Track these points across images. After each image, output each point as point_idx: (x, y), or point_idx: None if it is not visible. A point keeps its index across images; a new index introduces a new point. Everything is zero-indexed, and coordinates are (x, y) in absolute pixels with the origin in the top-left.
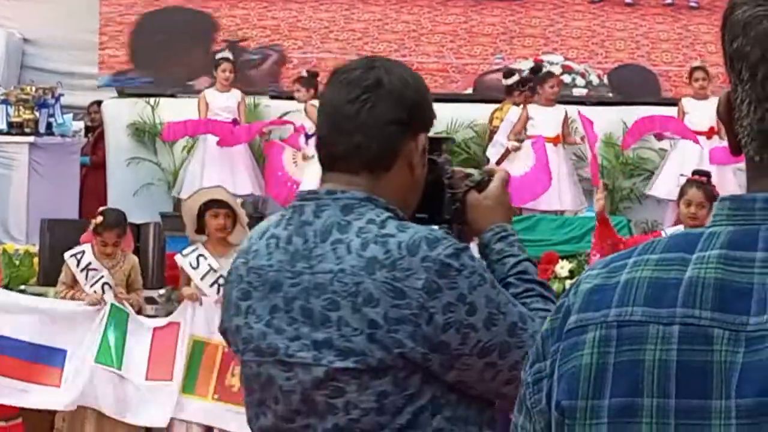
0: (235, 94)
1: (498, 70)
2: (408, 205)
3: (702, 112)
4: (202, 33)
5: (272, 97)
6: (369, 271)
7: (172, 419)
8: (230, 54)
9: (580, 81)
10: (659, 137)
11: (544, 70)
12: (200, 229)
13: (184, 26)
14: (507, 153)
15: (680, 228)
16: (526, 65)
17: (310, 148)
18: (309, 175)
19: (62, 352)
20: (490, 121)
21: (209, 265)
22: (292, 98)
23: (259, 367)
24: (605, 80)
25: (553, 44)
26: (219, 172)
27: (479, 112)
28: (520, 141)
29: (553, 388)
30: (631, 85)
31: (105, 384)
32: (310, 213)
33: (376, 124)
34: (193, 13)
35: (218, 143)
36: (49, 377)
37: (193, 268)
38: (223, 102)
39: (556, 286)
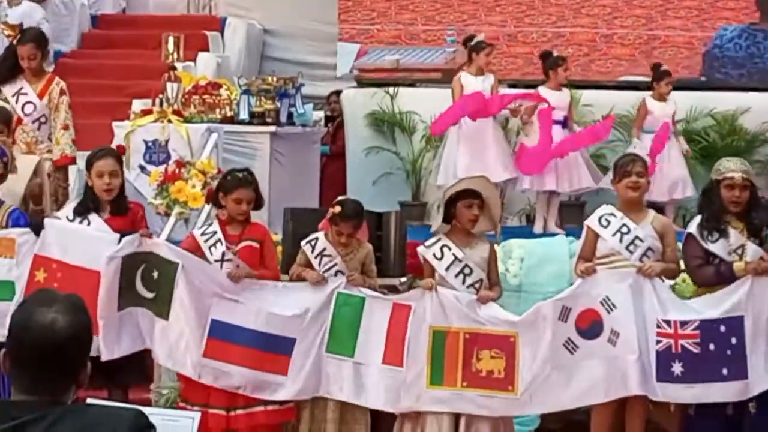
0: (489, 77)
1: None
2: None
3: None
4: None
5: (510, 86)
6: None
7: (422, 413)
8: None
9: None
10: None
11: None
12: (446, 218)
13: None
14: None
15: None
16: None
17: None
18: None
19: (292, 341)
20: None
21: (454, 255)
22: (530, 86)
23: None
24: None
25: None
26: (472, 158)
27: (719, 100)
28: None
29: None
30: None
31: (338, 371)
32: None
33: None
34: None
35: (471, 116)
36: (277, 365)
37: (437, 258)
38: (478, 85)
39: None
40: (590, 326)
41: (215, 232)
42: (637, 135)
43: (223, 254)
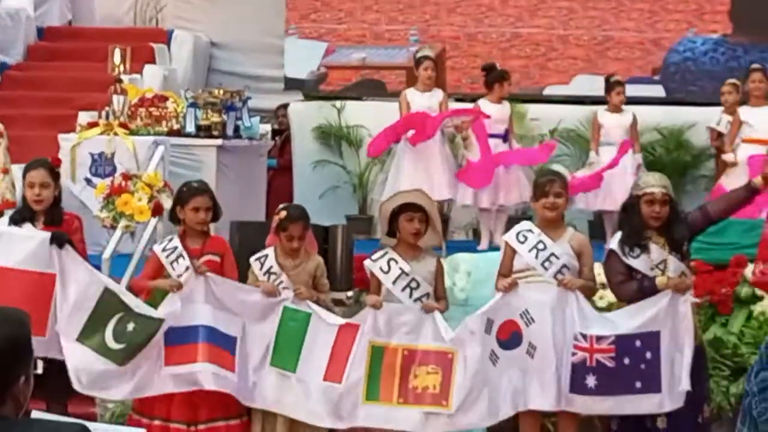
0: (437, 93)
1: None
2: None
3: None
4: None
5: (457, 100)
6: None
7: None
8: (431, 52)
9: None
10: None
11: (753, 65)
12: (391, 232)
13: None
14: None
15: None
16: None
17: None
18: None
19: (233, 339)
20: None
21: (401, 268)
22: (473, 100)
23: None
24: None
25: None
26: (416, 175)
27: (665, 114)
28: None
29: None
30: None
31: (281, 385)
32: None
33: None
34: None
35: (411, 140)
36: (224, 360)
37: (384, 272)
38: (424, 102)
39: (745, 290)
40: (510, 337)
41: (176, 247)
42: (595, 149)
43: (187, 268)
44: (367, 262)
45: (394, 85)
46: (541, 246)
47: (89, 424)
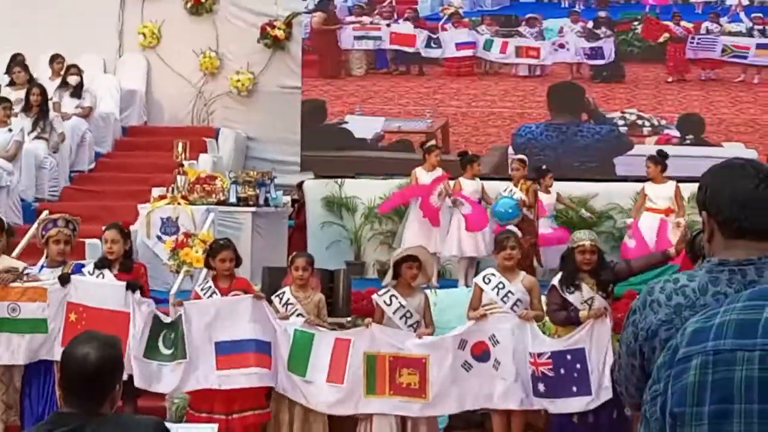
0: (438, 171)
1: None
2: None
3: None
4: None
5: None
6: None
7: (370, 415)
8: (438, 142)
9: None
10: None
11: (649, 155)
12: (395, 274)
13: None
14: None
15: None
16: None
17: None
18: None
19: (269, 344)
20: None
21: (400, 302)
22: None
23: None
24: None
25: None
26: (420, 231)
27: (577, 188)
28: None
29: (667, 402)
30: None
31: (295, 384)
32: (753, 274)
33: None
34: None
35: (429, 218)
36: (265, 362)
37: (387, 304)
38: (429, 178)
39: None
40: (482, 353)
41: (210, 287)
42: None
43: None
44: (374, 297)
45: (416, 142)
46: (501, 286)
47: (170, 425)
